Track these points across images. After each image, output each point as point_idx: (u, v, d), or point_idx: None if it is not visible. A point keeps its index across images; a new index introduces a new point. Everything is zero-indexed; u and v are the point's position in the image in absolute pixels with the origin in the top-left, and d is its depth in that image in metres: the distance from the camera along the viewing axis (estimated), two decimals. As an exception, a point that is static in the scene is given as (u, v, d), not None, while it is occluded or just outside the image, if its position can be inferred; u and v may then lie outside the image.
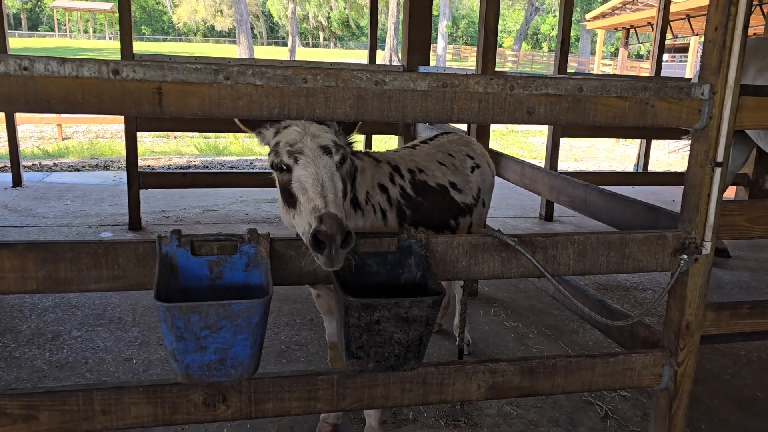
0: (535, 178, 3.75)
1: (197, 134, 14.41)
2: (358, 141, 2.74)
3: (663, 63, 8.79)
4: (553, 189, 3.53)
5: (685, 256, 2.41)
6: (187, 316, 1.75)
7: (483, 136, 4.21)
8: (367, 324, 1.90)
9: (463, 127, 5.21)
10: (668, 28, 9.19)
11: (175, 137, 14.23)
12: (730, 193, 7.26)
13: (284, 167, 2.04)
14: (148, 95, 1.88)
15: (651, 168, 9.57)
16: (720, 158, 2.33)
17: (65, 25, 59.94)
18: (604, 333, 3.20)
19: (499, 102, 2.13)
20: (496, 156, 4.24)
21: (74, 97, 1.83)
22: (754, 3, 18.23)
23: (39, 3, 62.44)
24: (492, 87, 2.11)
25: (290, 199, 2.03)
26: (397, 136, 6.25)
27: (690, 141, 2.43)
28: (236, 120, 2.15)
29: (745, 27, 2.25)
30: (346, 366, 2.01)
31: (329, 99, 2.00)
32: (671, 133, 7.89)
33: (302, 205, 1.94)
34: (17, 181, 7.50)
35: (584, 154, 14.78)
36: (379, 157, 2.73)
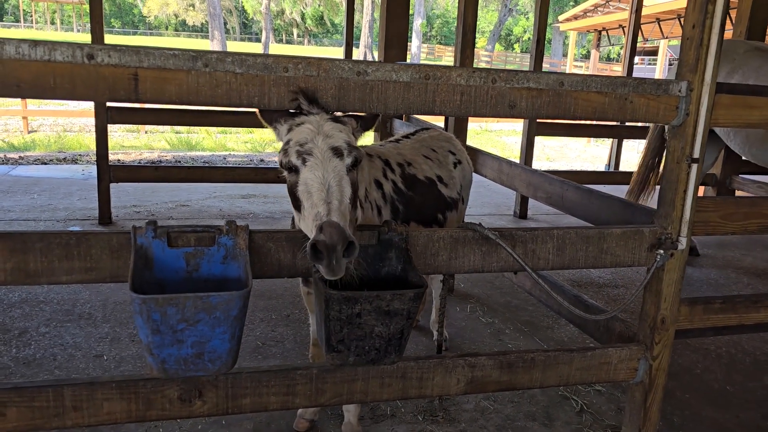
0: (512, 175, 3.76)
1: (169, 129, 14.20)
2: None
3: (633, 65, 8.92)
4: (531, 185, 3.55)
5: (662, 251, 2.43)
6: (163, 308, 1.70)
7: (461, 132, 4.21)
8: (348, 317, 1.88)
9: (439, 123, 5.21)
10: (639, 31, 9.33)
11: (146, 132, 13.98)
12: (698, 193, 7.40)
13: (292, 168, 1.89)
14: (124, 81, 1.83)
15: (622, 167, 9.71)
16: (696, 155, 2.36)
17: (31, 16, 58.48)
18: (579, 328, 3.22)
19: (481, 95, 2.13)
20: (474, 152, 4.25)
21: (46, 82, 1.77)
22: (675, 16, 18.68)
23: (4, -8, 60.85)
24: (474, 80, 2.11)
25: (296, 203, 1.92)
26: (373, 132, 6.22)
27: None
28: (257, 112, 2.03)
29: (722, 25, 2.28)
30: (326, 360, 1.98)
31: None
32: (642, 133, 8.02)
33: (306, 210, 1.85)
34: (-19, 174, 7.30)
35: (556, 154, 14.94)
36: (371, 151, 2.68)
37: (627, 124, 8.31)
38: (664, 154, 2.53)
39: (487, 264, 2.29)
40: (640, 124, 7.77)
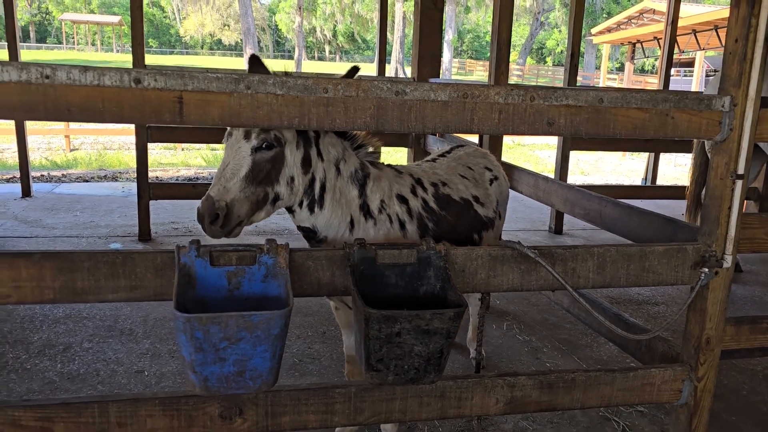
0: (549, 191, 3.73)
1: (204, 146, 14.47)
2: (380, 152, 2.73)
3: (670, 78, 8.78)
4: (567, 201, 3.51)
5: (706, 270, 2.38)
6: (206, 326, 1.73)
7: (496, 148, 4.20)
8: (387, 336, 1.88)
9: (473, 139, 5.21)
10: (675, 43, 9.20)
11: (182, 149, 14.28)
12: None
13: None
14: (169, 104, 1.87)
15: (659, 181, 9.53)
16: (741, 170, 2.31)
17: (73, 38, 60.49)
18: (620, 347, 3.16)
19: (519, 113, 2.12)
20: (509, 168, 4.22)
21: (95, 105, 1.83)
22: (711, 27, 18.31)
23: (48, 15, 63.09)
24: (512, 98, 2.10)
25: None
26: (406, 149, 6.25)
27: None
28: None
29: (767, 39, 2.23)
30: (365, 379, 1.98)
31: (349, 108, 1.99)
32: (680, 146, 7.88)
33: None
34: (26, 192, 7.52)
35: (591, 168, 14.76)
36: (402, 169, 2.72)
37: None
38: (708, 170, 2.48)
39: (526, 283, 2.27)
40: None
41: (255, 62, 2.28)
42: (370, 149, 2.66)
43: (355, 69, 2.35)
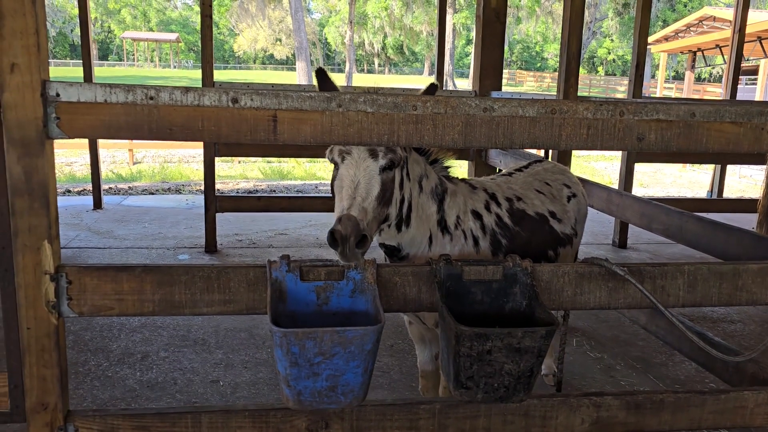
0: (623, 205, 3.65)
1: (260, 159, 14.76)
2: (455, 167, 2.73)
3: (737, 87, 8.48)
4: (644, 216, 3.42)
5: (804, 289, 2.28)
6: (302, 341, 1.76)
7: (564, 163, 4.14)
8: (478, 354, 1.87)
9: (537, 151, 5.15)
10: (742, 51, 8.88)
11: (239, 162, 14.60)
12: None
13: (335, 164, 2.18)
14: (264, 123, 1.92)
15: (725, 194, 9.20)
16: (842, 186, 2.21)
17: (133, 55, 62.87)
18: (703, 366, 3.05)
19: (608, 128, 2.09)
20: (581, 183, 4.15)
21: (195, 125, 1.89)
22: (755, 38, 17.49)
23: (110, 34, 65.81)
24: (601, 113, 2.07)
25: (334, 195, 2.17)
26: (467, 162, 6.23)
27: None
28: None
29: None
30: (453, 396, 1.98)
31: (437, 126, 2.00)
32: (749, 158, 7.60)
33: (336, 202, 2.11)
34: (98, 204, 7.83)
35: (650, 180, 14.38)
36: (476, 184, 2.70)
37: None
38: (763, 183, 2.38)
39: (614, 300, 2.22)
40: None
41: (322, 76, 2.32)
42: (445, 164, 2.66)
43: (434, 86, 2.35)
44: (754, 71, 26.67)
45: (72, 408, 2.09)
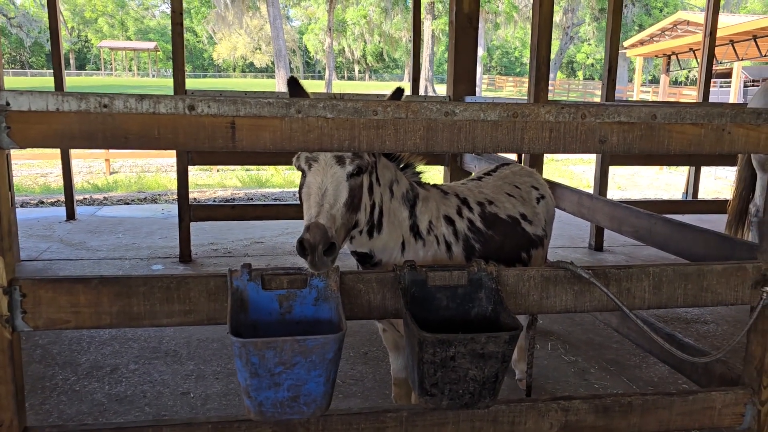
0: (594, 208, 3.66)
1: (239, 167, 14.67)
2: (426, 172, 2.72)
3: (710, 90, 8.61)
4: (614, 219, 3.44)
5: (767, 289, 2.29)
6: (262, 351, 1.72)
7: (537, 166, 4.15)
8: (441, 360, 1.85)
9: (511, 156, 5.16)
10: (714, 54, 9.03)
11: (218, 170, 14.50)
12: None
13: (302, 171, 2.16)
14: (222, 130, 1.88)
15: (700, 195, 9.30)
16: (802, 186, 2.23)
17: (111, 64, 62.32)
18: (674, 368, 3.06)
19: (570, 131, 2.08)
20: (551, 186, 4.17)
21: (151, 132, 1.85)
22: (749, 37, 17.89)
23: (87, 43, 65.23)
24: (563, 116, 2.07)
25: (301, 202, 2.15)
26: (443, 167, 6.23)
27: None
28: None
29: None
30: (418, 403, 1.96)
31: (399, 130, 1.98)
32: (720, 160, 7.71)
33: (304, 209, 2.09)
34: (71, 215, 7.71)
35: (627, 182, 14.52)
36: (447, 189, 2.69)
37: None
38: (758, 185, 2.40)
39: (579, 304, 2.22)
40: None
41: (294, 84, 2.30)
42: (417, 169, 2.65)
43: (400, 90, 2.34)
44: (728, 74, 27.13)
45: (30, 424, 2.03)
